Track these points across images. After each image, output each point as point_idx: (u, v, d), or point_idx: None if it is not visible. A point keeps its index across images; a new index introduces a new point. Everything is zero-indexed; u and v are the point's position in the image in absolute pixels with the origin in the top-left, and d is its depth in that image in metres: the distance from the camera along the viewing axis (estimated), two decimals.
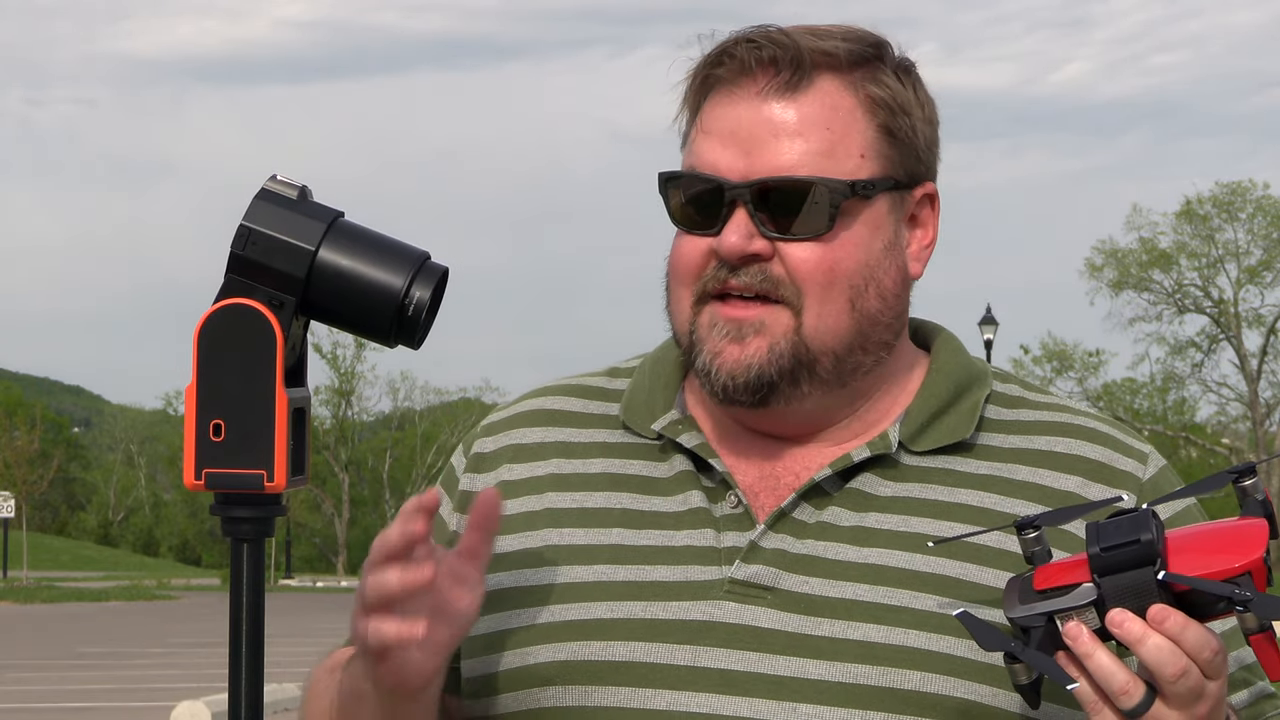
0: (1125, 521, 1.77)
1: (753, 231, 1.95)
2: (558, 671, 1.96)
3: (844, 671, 1.90)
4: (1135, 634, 1.74)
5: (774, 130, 1.96)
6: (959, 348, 2.09)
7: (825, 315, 1.96)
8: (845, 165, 1.97)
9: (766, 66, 1.97)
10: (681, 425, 2.04)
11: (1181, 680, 1.74)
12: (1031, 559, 1.83)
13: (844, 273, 1.96)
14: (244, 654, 1.65)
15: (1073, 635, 1.76)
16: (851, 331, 1.97)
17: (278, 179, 1.70)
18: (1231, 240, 59.16)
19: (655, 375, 2.10)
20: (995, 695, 1.91)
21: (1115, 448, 2.04)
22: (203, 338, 1.65)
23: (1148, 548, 1.75)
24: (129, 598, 50.60)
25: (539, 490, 2.07)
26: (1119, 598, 1.75)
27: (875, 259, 1.98)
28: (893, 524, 1.97)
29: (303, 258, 1.67)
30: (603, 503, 2.04)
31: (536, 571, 2.01)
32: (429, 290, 1.68)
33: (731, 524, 1.99)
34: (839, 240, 1.96)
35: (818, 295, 1.95)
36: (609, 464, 2.07)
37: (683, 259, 1.99)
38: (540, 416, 2.14)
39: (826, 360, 1.97)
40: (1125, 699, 1.75)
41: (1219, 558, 1.75)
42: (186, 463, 1.64)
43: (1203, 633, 1.75)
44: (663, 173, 2.01)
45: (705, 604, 1.95)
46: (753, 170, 1.95)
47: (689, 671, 1.92)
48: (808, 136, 1.96)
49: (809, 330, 1.96)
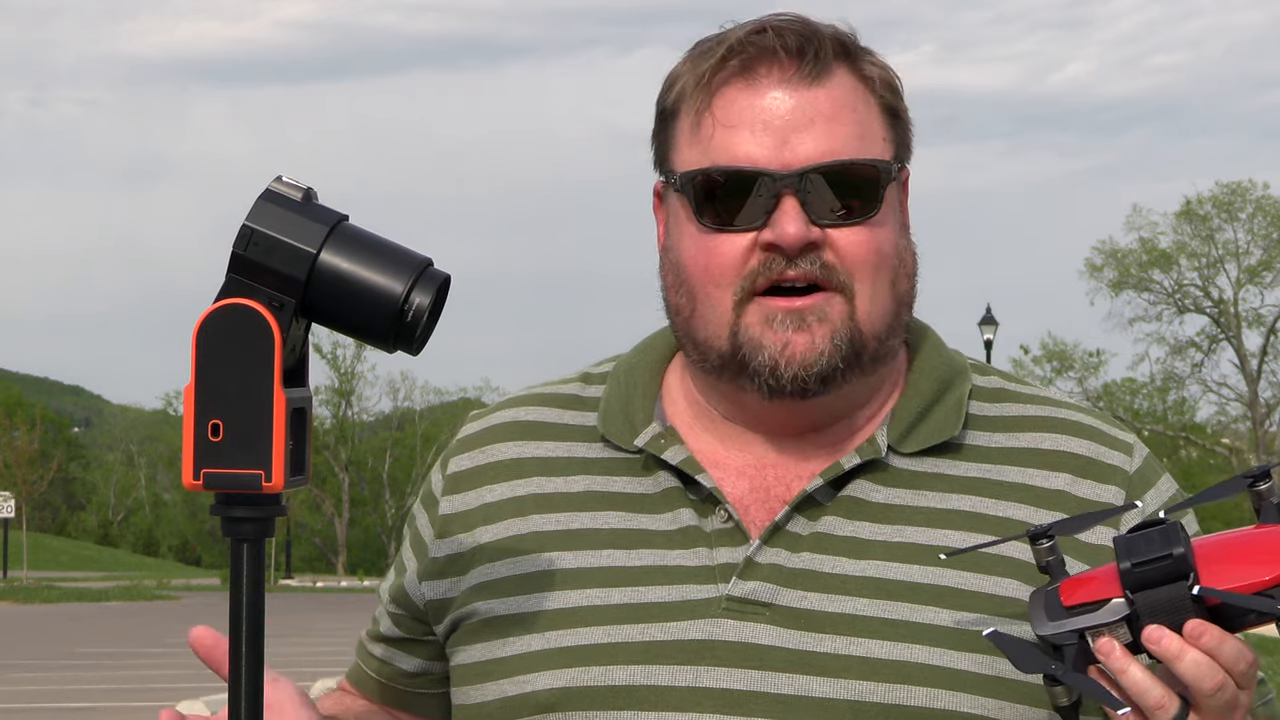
0: (1155, 535, 1.74)
1: (806, 219, 1.92)
2: (557, 699, 1.93)
3: (849, 689, 1.88)
4: (1174, 650, 1.72)
5: (809, 117, 1.93)
6: (938, 342, 2.07)
7: (875, 299, 1.94)
8: (875, 148, 1.95)
9: (792, 54, 1.94)
10: (664, 440, 2.01)
11: (1219, 694, 1.73)
12: (1047, 568, 1.81)
13: (887, 255, 1.95)
14: (244, 654, 1.64)
15: (1105, 651, 1.74)
16: (894, 314, 1.96)
17: (283, 180, 1.70)
18: (1231, 240, 59.13)
19: (631, 384, 2.06)
20: (1002, 709, 1.89)
21: (1101, 441, 2.03)
22: (201, 337, 1.64)
23: (1180, 562, 1.73)
24: (129, 598, 50.55)
25: (522, 512, 2.04)
26: (1153, 613, 1.73)
27: (901, 240, 1.98)
28: (887, 534, 1.95)
29: (303, 260, 1.66)
30: (590, 523, 2.00)
31: (528, 597, 1.98)
32: (429, 296, 1.68)
33: (724, 539, 1.96)
34: (879, 222, 1.95)
35: (868, 279, 1.93)
36: (592, 481, 2.03)
37: (720, 259, 1.93)
38: (516, 429, 2.10)
39: (874, 345, 1.95)
40: (1161, 714, 1.74)
41: (1250, 569, 1.74)
42: (185, 462, 1.63)
43: (1237, 645, 1.74)
44: (686, 172, 1.96)
45: (703, 623, 1.92)
46: (794, 159, 1.92)
47: (691, 693, 1.90)
48: (842, 121, 1.94)
49: (862, 315, 1.93)
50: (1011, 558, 1.93)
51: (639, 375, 2.06)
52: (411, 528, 2.14)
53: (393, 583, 2.15)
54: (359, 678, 2.21)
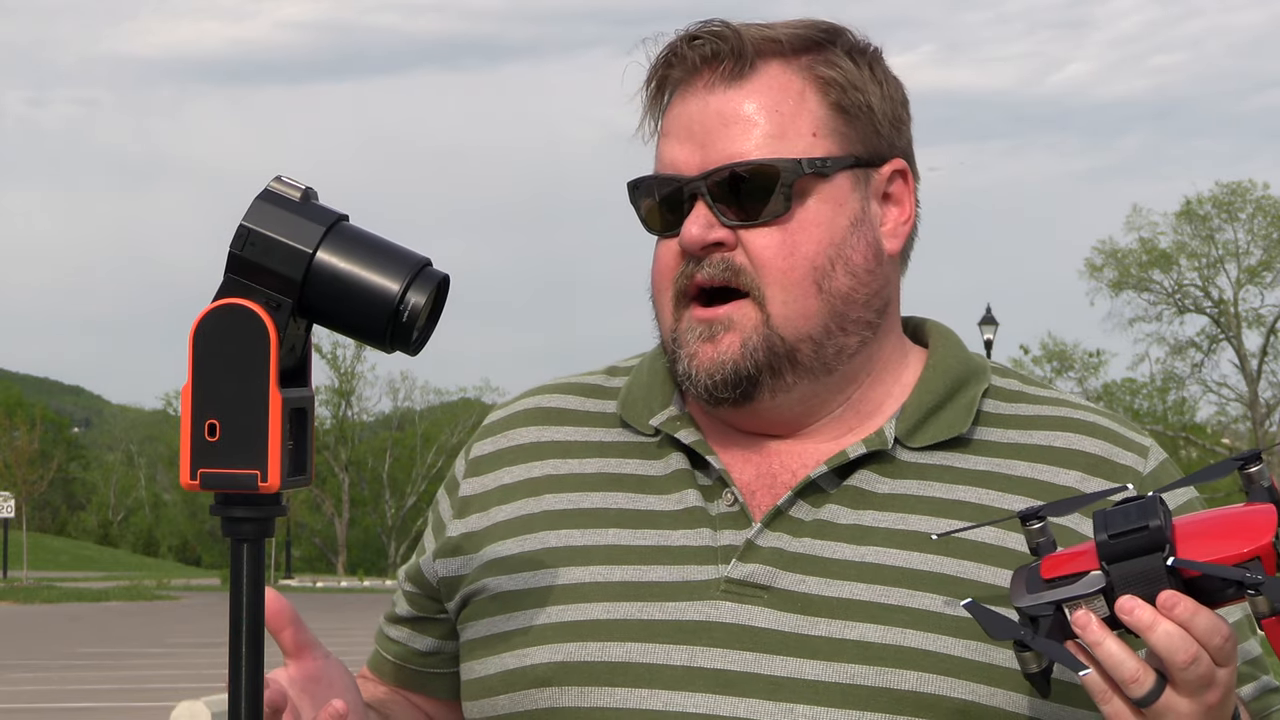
0: (1133, 508, 1.75)
1: (712, 221, 1.95)
2: (554, 672, 1.96)
3: (841, 672, 1.89)
4: (1145, 621, 1.71)
5: (724, 120, 1.97)
6: (957, 342, 2.08)
7: (790, 302, 1.95)
8: (797, 145, 1.96)
9: (710, 60, 1.98)
10: (680, 421, 2.04)
11: (1192, 667, 1.72)
12: (1037, 550, 1.81)
13: (805, 255, 1.95)
14: (244, 654, 1.65)
15: (1081, 623, 1.74)
16: (824, 314, 1.96)
17: (283, 180, 1.70)
18: (1231, 240, 59.17)
19: (654, 372, 2.09)
20: (993, 695, 1.90)
21: (1115, 441, 2.03)
22: (198, 337, 1.64)
23: (1156, 534, 1.73)
24: (129, 598, 50.62)
25: (536, 492, 2.07)
26: (1128, 584, 1.73)
27: (840, 236, 1.97)
28: (890, 522, 1.96)
29: (300, 260, 1.66)
30: (599, 502, 2.03)
31: (534, 574, 2.01)
32: (425, 296, 1.68)
33: (728, 522, 1.98)
34: (797, 221, 1.96)
35: (779, 282, 1.95)
36: (605, 463, 2.06)
37: (659, 265, 2.00)
38: (537, 415, 2.14)
39: (806, 347, 1.96)
40: (1135, 687, 1.72)
41: (1228, 543, 1.73)
42: (182, 462, 1.63)
43: (1213, 619, 1.73)
44: (630, 181, 2.02)
45: (702, 604, 1.94)
46: (708, 162, 1.96)
47: (686, 672, 1.92)
48: (757, 121, 1.96)
49: (778, 320, 1.95)
50: (1013, 549, 1.93)
51: (661, 364, 2.09)
52: (434, 512, 2.18)
53: (410, 564, 2.19)
54: (376, 663, 2.24)
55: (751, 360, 1.95)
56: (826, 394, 2.00)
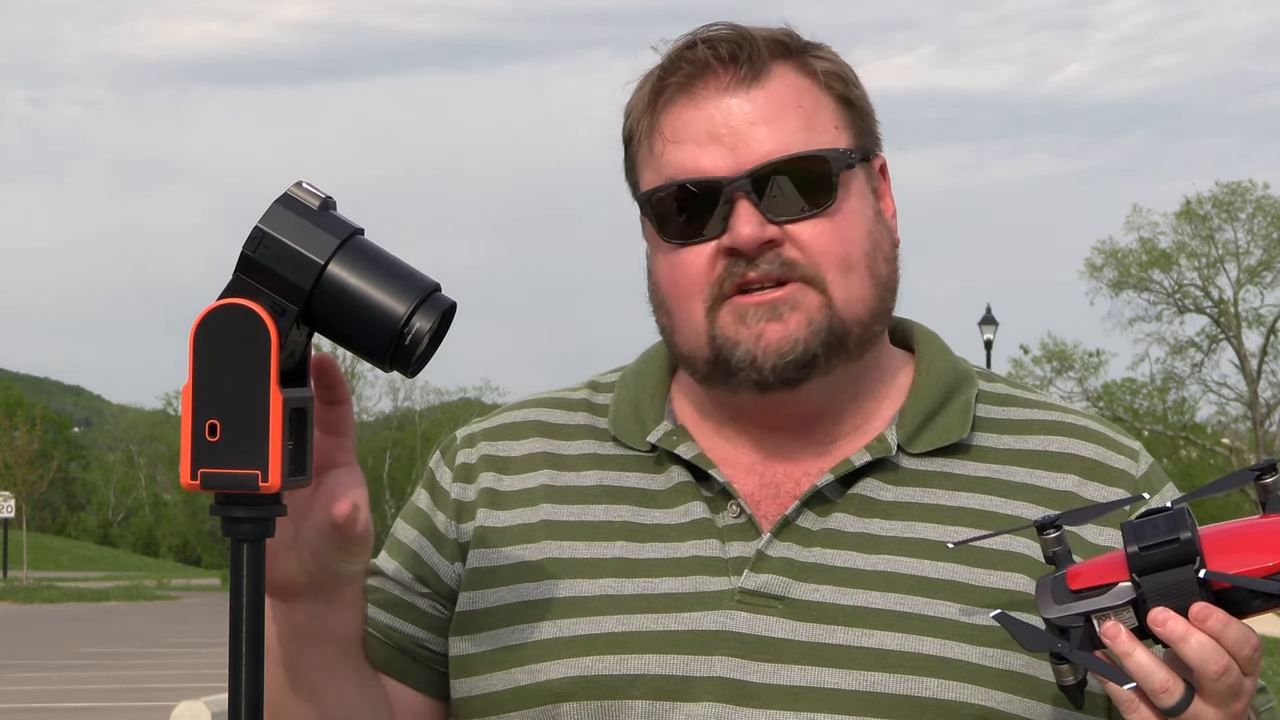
0: (1162, 520, 1.76)
1: (762, 219, 1.94)
2: (572, 687, 1.94)
3: (861, 680, 1.89)
4: (1178, 633, 1.73)
5: (751, 120, 1.96)
6: (943, 346, 2.09)
7: (850, 286, 1.95)
8: (825, 138, 1.97)
9: (726, 63, 1.97)
10: (676, 436, 2.03)
11: (1223, 678, 1.74)
12: (1053, 559, 1.82)
13: (856, 241, 1.96)
14: (244, 654, 1.65)
15: (1111, 634, 1.75)
16: (875, 299, 1.98)
17: (303, 186, 1.69)
18: (1231, 240, 59.09)
19: (640, 388, 2.08)
20: (1012, 702, 1.90)
21: (1108, 445, 2.04)
22: (198, 337, 1.64)
23: (1187, 546, 1.74)
24: (129, 598, 50.59)
25: (533, 502, 2.05)
26: (1159, 596, 1.75)
27: (872, 225, 1.99)
28: (897, 530, 1.96)
29: (311, 270, 1.66)
30: (602, 515, 2.02)
31: (538, 585, 1.99)
32: (430, 322, 1.68)
33: (736, 534, 1.97)
34: (842, 212, 1.96)
35: (838, 267, 1.95)
36: (604, 476, 2.05)
37: (686, 272, 1.96)
38: (524, 428, 2.11)
39: (857, 331, 1.96)
40: (1165, 697, 1.74)
41: (1256, 555, 1.75)
42: (183, 462, 1.63)
43: (1243, 630, 1.75)
44: (645, 191, 1.99)
45: (717, 614, 1.93)
46: (742, 163, 1.94)
47: (705, 683, 1.91)
48: (785, 118, 1.96)
49: (840, 304, 1.95)
50: (1021, 554, 1.94)
51: (646, 380, 2.08)
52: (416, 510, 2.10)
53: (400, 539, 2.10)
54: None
55: (818, 340, 1.94)
56: (843, 385, 2.00)
